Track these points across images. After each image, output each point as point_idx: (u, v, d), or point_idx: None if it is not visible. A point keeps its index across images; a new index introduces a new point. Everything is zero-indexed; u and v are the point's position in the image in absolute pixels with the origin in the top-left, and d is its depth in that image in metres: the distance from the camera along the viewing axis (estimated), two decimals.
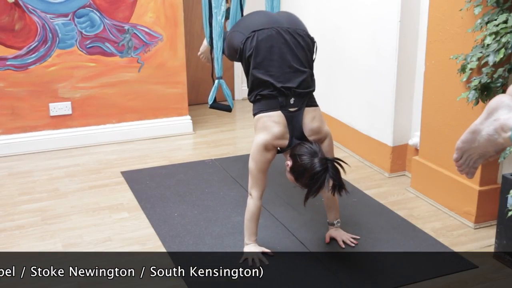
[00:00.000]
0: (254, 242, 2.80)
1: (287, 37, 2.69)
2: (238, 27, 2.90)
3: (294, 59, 2.69)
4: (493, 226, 3.05)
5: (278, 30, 2.70)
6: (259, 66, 2.67)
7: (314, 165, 2.47)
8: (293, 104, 2.65)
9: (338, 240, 2.92)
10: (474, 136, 1.61)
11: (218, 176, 3.79)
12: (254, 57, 2.68)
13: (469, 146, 1.64)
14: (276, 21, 2.75)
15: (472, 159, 1.67)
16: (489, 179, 3.10)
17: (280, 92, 2.64)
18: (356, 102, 4.08)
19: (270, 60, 2.66)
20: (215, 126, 4.85)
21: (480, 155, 1.65)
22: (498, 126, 1.53)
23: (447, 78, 3.14)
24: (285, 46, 2.68)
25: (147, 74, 4.48)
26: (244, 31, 2.77)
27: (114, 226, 3.17)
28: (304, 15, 4.58)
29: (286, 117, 2.64)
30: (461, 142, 1.65)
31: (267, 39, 2.68)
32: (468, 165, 1.68)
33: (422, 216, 3.26)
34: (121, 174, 3.87)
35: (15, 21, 4.03)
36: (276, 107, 2.64)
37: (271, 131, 2.63)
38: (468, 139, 1.63)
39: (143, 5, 4.31)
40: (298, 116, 2.66)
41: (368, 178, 3.79)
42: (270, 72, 2.66)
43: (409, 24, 3.54)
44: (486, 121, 1.57)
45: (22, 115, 4.23)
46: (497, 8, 2.77)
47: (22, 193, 3.60)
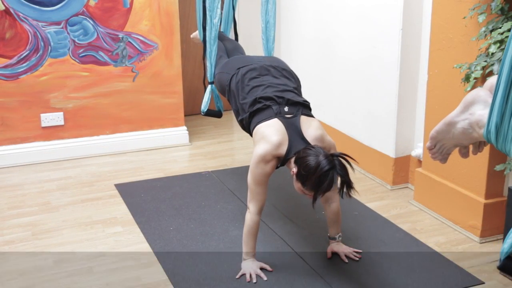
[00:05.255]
0: (252, 258, 2.76)
1: (271, 69, 2.86)
2: (224, 68, 3.06)
3: (281, 84, 2.78)
4: (499, 240, 3.03)
5: (262, 65, 2.88)
6: (247, 96, 2.76)
7: (320, 163, 2.37)
8: (287, 112, 2.64)
9: (341, 254, 2.87)
10: (449, 128, 1.68)
11: (215, 189, 3.74)
12: (241, 89, 2.80)
13: (443, 137, 1.72)
14: (259, 60, 2.95)
15: (445, 148, 1.75)
16: (495, 192, 3.05)
17: (273, 101, 2.66)
18: (357, 112, 4.02)
19: (257, 86, 2.76)
20: (212, 137, 4.79)
21: (454, 145, 1.73)
22: (474, 121, 1.60)
23: (451, 88, 3.10)
24: (270, 76, 2.83)
25: (142, 83, 4.42)
26: (230, 71, 2.96)
27: (108, 240, 3.11)
28: (303, 23, 4.55)
29: (283, 122, 2.60)
30: (436, 132, 1.73)
31: (252, 71, 2.84)
32: (442, 153, 1.77)
33: (425, 230, 3.20)
34: (114, 187, 3.81)
35: (5, 29, 3.97)
36: (272, 115, 2.62)
37: (269, 140, 2.56)
38: (443, 129, 1.70)
39: (138, 13, 4.26)
40: (295, 121, 2.61)
41: (370, 190, 3.73)
42: (259, 94, 2.72)
43: (412, 32, 3.51)
44: (462, 114, 1.63)
45: (12, 126, 4.16)
46: (502, 16, 2.77)
47: (12, 207, 3.53)
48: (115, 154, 4.41)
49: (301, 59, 4.66)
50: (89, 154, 4.36)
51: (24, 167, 4.16)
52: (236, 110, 2.87)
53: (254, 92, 2.74)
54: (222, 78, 3.05)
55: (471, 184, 3.08)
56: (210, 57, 3.17)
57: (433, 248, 2.99)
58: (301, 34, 4.61)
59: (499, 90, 1.45)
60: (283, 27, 4.88)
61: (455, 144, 1.71)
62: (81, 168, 4.14)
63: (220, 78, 3.08)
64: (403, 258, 2.88)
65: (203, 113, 3.29)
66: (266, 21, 3.39)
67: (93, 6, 4.13)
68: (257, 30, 5.21)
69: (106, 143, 4.41)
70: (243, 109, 2.78)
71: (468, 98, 1.61)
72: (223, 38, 3.53)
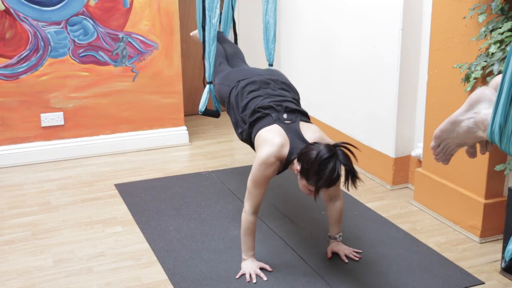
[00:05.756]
0: (252, 257, 2.76)
1: (271, 83, 2.89)
2: (224, 80, 3.08)
3: (280, 95, 2.81)
4: (499, 240, 3.01)
5: (262, 79, 2.90)
6: (246, 108, 2.79)
7: (320, 151, 2.38)
8: (286, 118, 2.69)
9: (341, 254, 2.86)
10: (454, 127, 1.64)
11: (215, 189, 3.73)
12: (240, 101, 2.83)
13: (447, 136, 1.68)
14: (259, 74, 2.98)
15: (449, 147, 1.71)
16: (495, 192, 3.04)
17: (272, 109, 2.71)
18: (356, 112, 4.02)
19: (256, 98, 2.79)
20: (212, 137, 4.78)
21: (458, 144, 1.69)
22: (479, 120, 1.57)
23: (451, 88, 3.09)
24: (269, 89, 2.86)
25: (141, 83, 4.42)
26: (230, 83, 3.00)
27: (108, 240, 3.10)
28: (303, 23, 4.55)
29: (283, 127, 2.63)
30: (440, 131, 1.69)
31: (251, 84, 2.87)
32: (445, 153, 1.73)
33: (425, 230, 3.20)
34: (114, 186, 3.80)
35: (5, 29, 3.96)
36: (271, 122, 2.67)
37: (272, 142, 2.57)
38: (447, 128, 1.66)
39: (138, 13, 4.25)
40: (295, 126, 2.65)
41: (370, 190, 3.72)
42: (258, 104, 2.75)
43: (412, 32, 3.50)
44: (467, 113, 1.60)
45: (12, 126, 4.15)
46: (502, 16, 2.76)
47: (12, 207, 3.52)
48: (115, 154, 4.41)
49: (301, 59, 4.65)
50: (89, 154, 4.35)
51: (24, 167, 4.15)
52: (235, 123, 2.90)
53: (253, 103, 2.78)
54: (222, 90, 3.07)
55: (471, 184, 3.08)
56: (209, 57, 3.18)
57: (433, 248, 2.98)
58: (301, 34, 4.61)
59: (503, 90, 1.43)
60: (283, 27, 4.87)
61: (459, 144, 1.68)
62: (81, 168, 4.14)
63: (220, 89, 3.10)
64: (403, 258, 2.88)
65: (200, 112, 3.29)
66: (266, 22, 3.39)
67: (93, 6, 4.12)
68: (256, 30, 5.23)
69: (106, 143, 4.40)
70: (243, 121, 2.81)
71: (473, 96, 1.59)
72: (223, 41, 3.53)
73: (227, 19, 3.65)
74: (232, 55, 3.43)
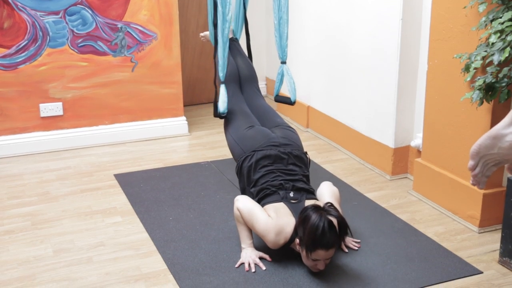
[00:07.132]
0: (250, 246, 2.77)
1: (284, 158, 2.91)
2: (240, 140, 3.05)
3: (291, 172, 2.88)
4: (498, 230, 3.01)
5: (276, 152, 2.92)
6: (257, 184, 2.85)
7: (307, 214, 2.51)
8: (293, 197, 2.76)
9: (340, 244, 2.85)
10: (495, 142, 1.50)
11: (214, 179, 3.73)
12: (253, 175, 2.88)
13: (486, 152, 1.52)
14: (273, 141, 2.97)
15: (487, 166, 1.55)
16: (494, 182, 3.05)
17: (280, 187, 2.78)
18: (356, 102, 4.01)
19: (267, 174, 2.85)
20: (211, 128, 4.77)
21: (497, 162, 1.53)
22: None
23: (451, 78, 3.09)
24: (282, 163, 2.90)
25: (140, 73, 4.40)
26: (244, 148, 3.00)
27: (107, 230, 3.11)
28: (305, 13, 4.53)
29: (288, 207, 2.71)
30: (478, 147, 1.53)
31: (265, 158, 2.90)
32: (483, 173, 1.57)
33: (424, 220, 3.20)
34: (114, 177, 3.80)
35: (3, 19, 3.95)
36: (278, 200, 2.75)
37: (286, 221, 2.65)
38: (487, 144, 1.51)
39: (137, 3, 4.23)
40: (300, 206, 2.70)
41: (369, 180, 3.72)
42: (269, 182, 2.82)
43: (411, 22, 3.49)
44: (511, 126, 1.47)
45: (11, 116, 4.14)
46: (502, 6, 2.74)
47: (11, 197, 3.52)
48: (115, 144, 4.40)
49: (301, 49, 4.64)
50: (88, 144, 4.35)
51: (23, 157, 4.15)
52: (242, 191, 3.00)
53: (263, 179, 2.84)
54: (234, 150, 3.07)
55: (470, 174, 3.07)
56: (223, 56, 3.02)
57: (432, 238, 2.98)
58: (302, 24, 4.59)
59: None
60: None
61: (499, 162, 1.53)
62: (81, 158, 4.14)
63: (233, 148, 3.09)
64: (402, 247, 2.88)
65: (220, 116, 3.15)
66: (279, 18, 3.25)
67: None
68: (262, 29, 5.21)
69: (105, 133, 4.40)
70: (251, 193, 2.88)
71: None
72: (236, 53, 3.39)
73: (239, 18, 3.52)
74: (246, 80, 3.33)
